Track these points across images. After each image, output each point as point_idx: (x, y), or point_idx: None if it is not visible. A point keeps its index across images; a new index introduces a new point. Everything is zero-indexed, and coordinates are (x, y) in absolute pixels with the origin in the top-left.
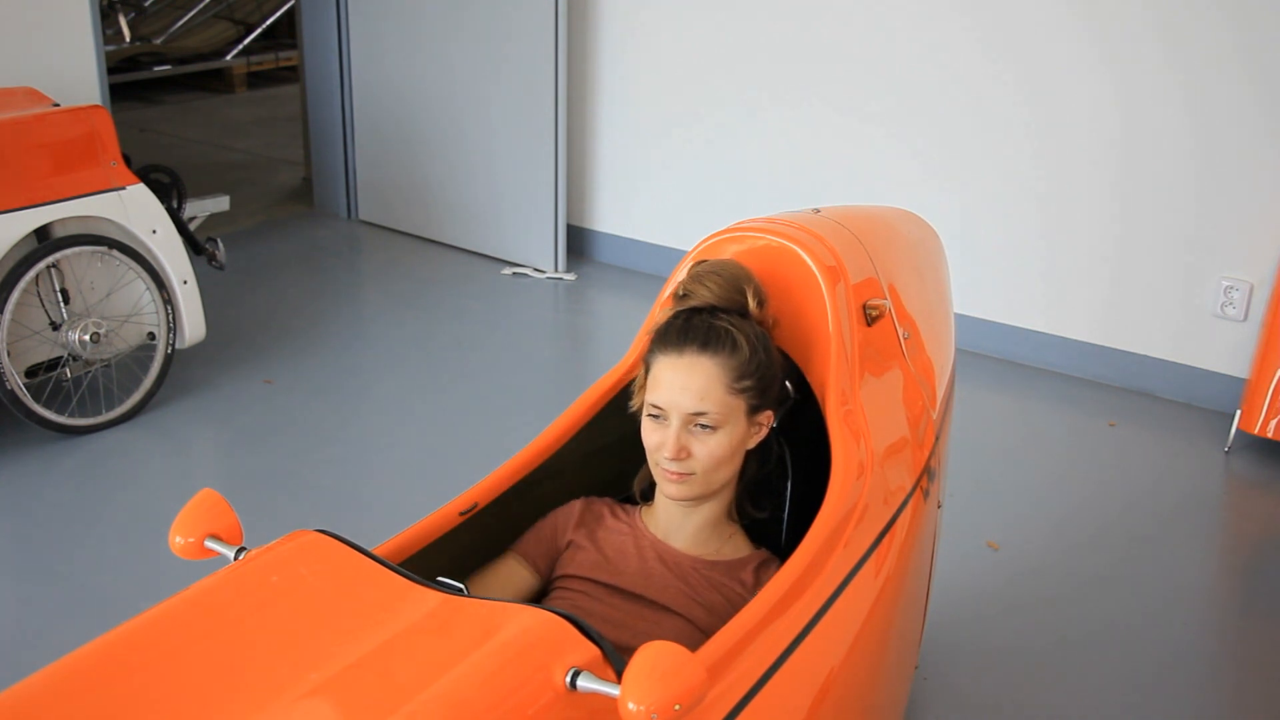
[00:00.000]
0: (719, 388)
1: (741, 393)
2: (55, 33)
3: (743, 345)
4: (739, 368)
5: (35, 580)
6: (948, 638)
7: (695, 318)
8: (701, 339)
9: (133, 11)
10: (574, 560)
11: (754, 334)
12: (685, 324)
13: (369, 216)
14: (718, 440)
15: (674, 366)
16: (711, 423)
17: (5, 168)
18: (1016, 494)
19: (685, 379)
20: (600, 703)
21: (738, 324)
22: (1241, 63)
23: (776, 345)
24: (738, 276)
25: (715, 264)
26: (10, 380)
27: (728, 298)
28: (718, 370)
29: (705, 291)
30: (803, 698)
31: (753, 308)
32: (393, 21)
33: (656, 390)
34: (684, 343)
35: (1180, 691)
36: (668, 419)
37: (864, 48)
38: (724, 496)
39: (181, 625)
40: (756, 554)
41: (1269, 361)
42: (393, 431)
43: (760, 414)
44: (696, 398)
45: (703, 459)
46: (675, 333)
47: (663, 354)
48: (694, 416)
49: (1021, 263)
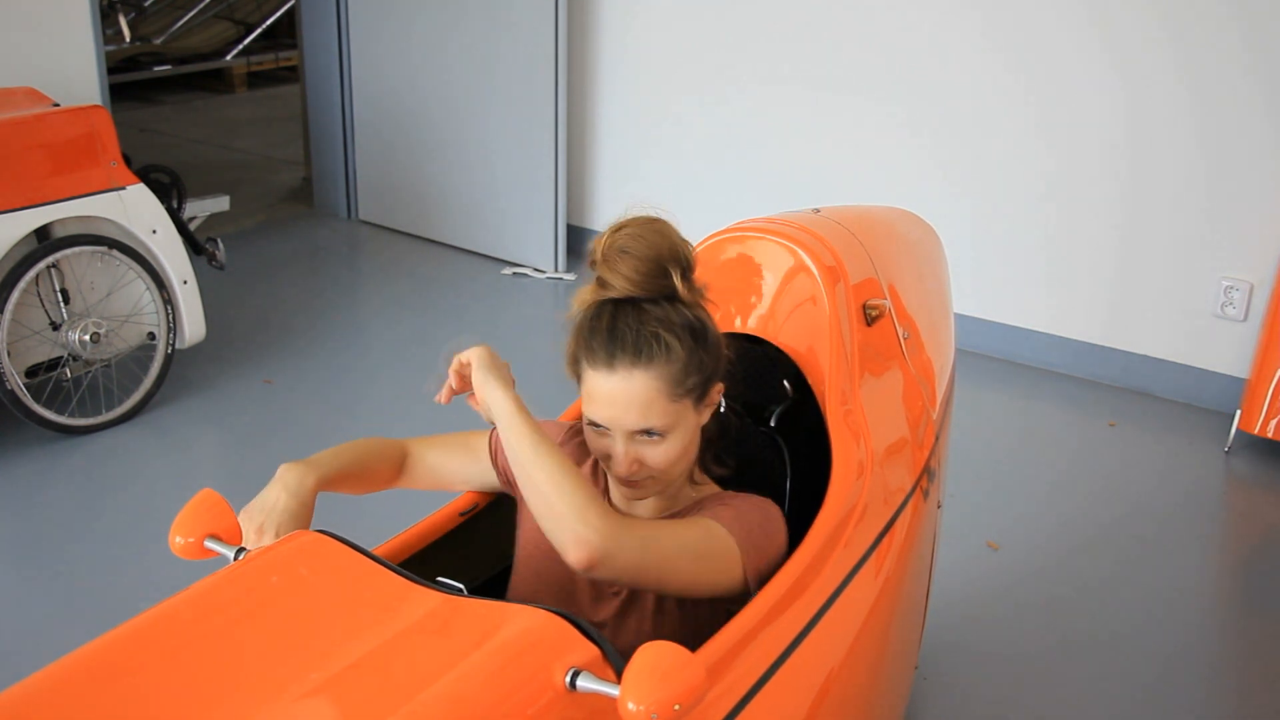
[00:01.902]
0: (660, 400)
1: (686, 394)
2: (55, 33)
3: (677, 348)
4: (678, 373)
5: (35, 580)
6: (948, 638)
7: (620, 319)
8: (632, 350)
9: (133, 11)
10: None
11: (687, 324)
12: (610, 330)
13: (369, 216)
14: (669, 445)
15: (607, 382)
16: (659, 432)
17: (5, 168)
18: (1016, 494)
19: (623, 397)
20: (600, 702)
21: (668, 319)
22: (1243, 64)
23: (709, 302)
24: (658, 253)
25: (629, 237)
26: (10, 380)
27: (650, 286)
28: (656, 383)
29: (622, 281)
30: (803, 698)
31: (681, 290)
32: (393, 21)
33: (592, 406)
34: (613, 356)
35: (1180, 691)
36: (611, 433)
37: (866, 49)
38: (685, 473)
39: (181, 625)
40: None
41: (1269, 361)
42: (393, 431)
43: (709, 395)
44: (638, 415)
45: (658, 464)
46: (601, 343)
47: (592, 367)
48: (638, 432)
49: (1022, 263)
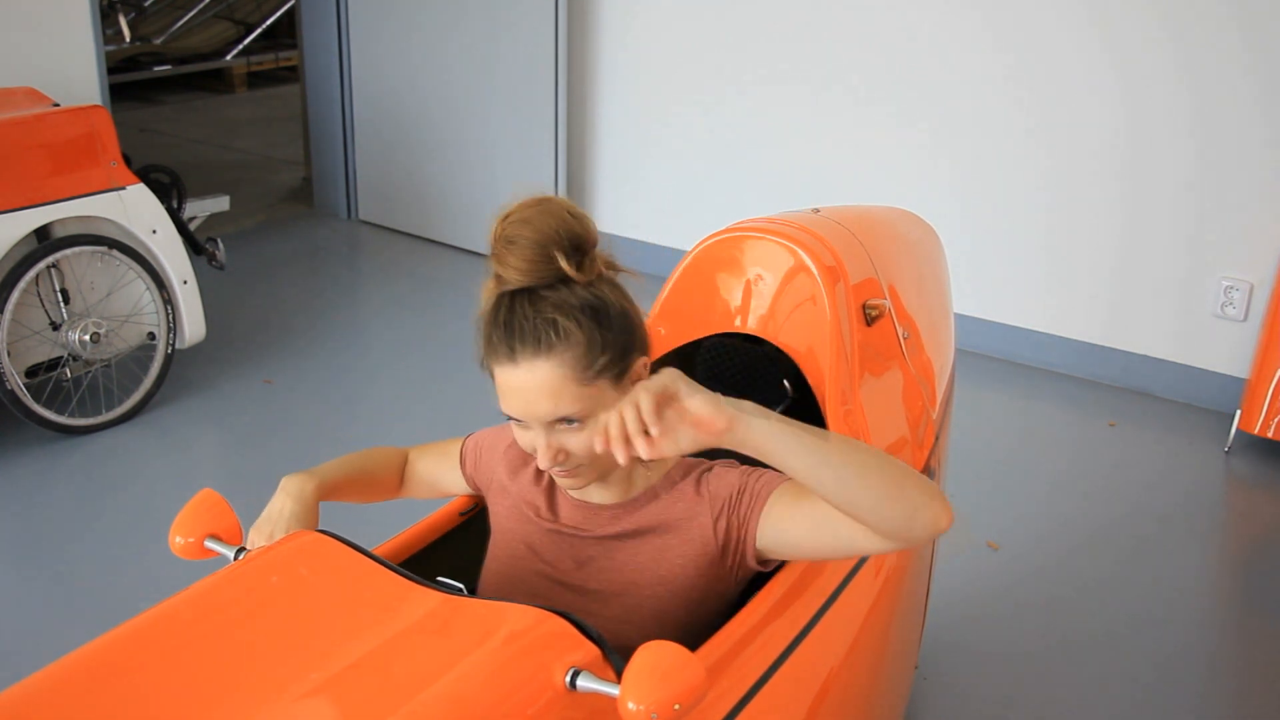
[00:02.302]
0: (570, 386)
1: (598, 376)
2: (55, 33)
3: (575, 332)
4: (583, 357)
5: (35, 580)
6: (948, 638)
7: (516, 310)
8: (532, 342)
9: (133, 11)
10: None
11: (586, 304)
12: (507, 324)
13: (369, 216)
14: (591, 430)
15: (514, 376)
16: (577, 418)
17: (5, 168)
18: (1016, 494)
19: (531, 388)
20: (600, 702)
21: (564, 304)
22: (1243, 64)
23: (620, 288)
24: (543, 237)
25: (515, 225)
26: (10, 380)
27: (540, 273)
28: (561, 369)
29: (513, 273)
30: (803, 698)
31: (572, 273)
32: (393, 21)
33: (506, 401)
34: (514, 349)
35: (1181, 690)
36: (529, 425)
37: (866, 50)
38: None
39: (181, 625)
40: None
41: (1269, 361)
42: (393, 431)
43: (630, 373)
44: (549, 405)
45: (585, 452)
46: (500, 337)
47: (497, 363)
48: (555, 422)
49: (1022, 263)
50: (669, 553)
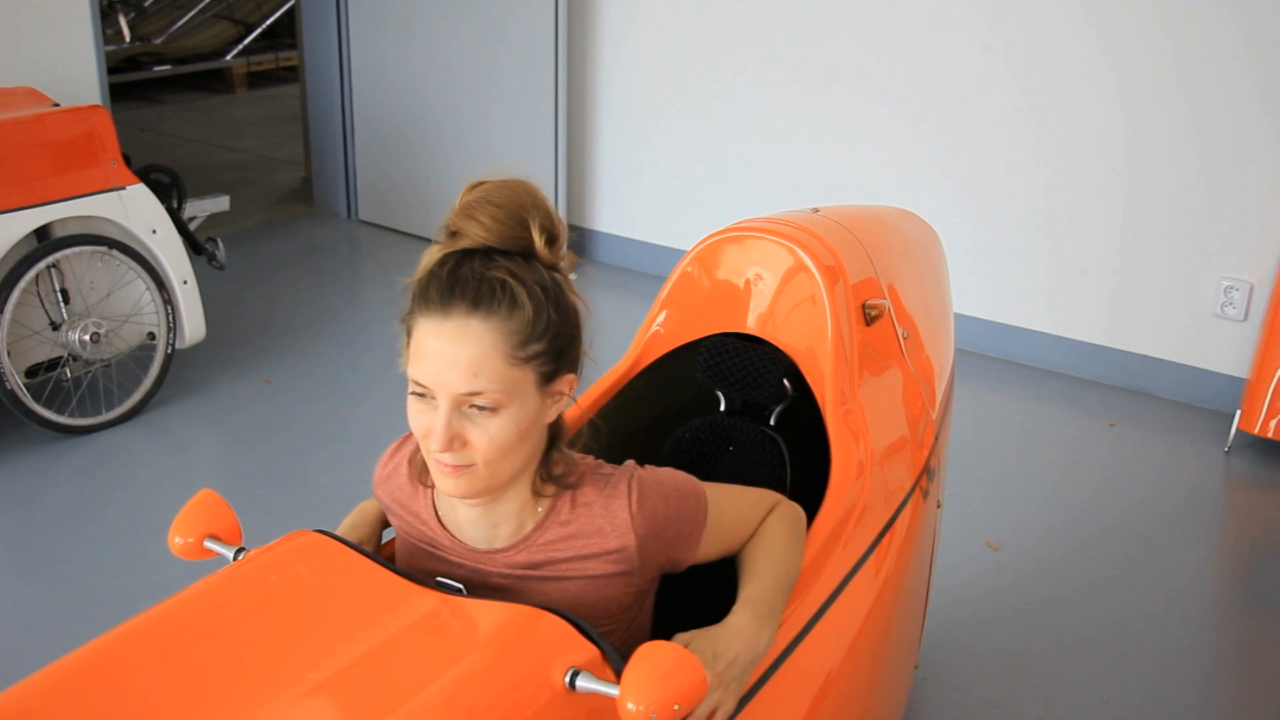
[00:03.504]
0: (496, 359)
1: (527, 361)
2: (55, 33)
3: (524, 302)
4: (521, 331)
5: (35, 580)
6: (948, 638)
7: (465, 265)
8: (471, 296)
9: (133, 11)
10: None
11: (541, 283)
12: (452, 275)
13: (369, 216)
14: (500, 424)
15: (438, 334)
16: (490, 403)
17: (5, 168)
18: (1016, 494)
19: (452, 350)
20: (599, 703)
21: (519, 272)
22: (1243, 64)
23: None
24: (520, 204)
25: (493, 188)
26: (10, 380)
27: (507, 235)
28: (493, 337)
29: (478, 228)
30: (802, 698)
31: (539, 246)
32: (393, 21)
33: (418, 363)
34: (449, 301)
35: (1180, 690)
36: (435, 399)
37: (866, 51)
38: (523, 482)
39: (181, 625)
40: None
41: (1269, 361)
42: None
43: (557, 380)
44: (468, 374)
45: (483, 448)
46: (439, 288)
47: (424, 316)
48: (467, 397)
49: (1022, 263)
50: (595, 581)
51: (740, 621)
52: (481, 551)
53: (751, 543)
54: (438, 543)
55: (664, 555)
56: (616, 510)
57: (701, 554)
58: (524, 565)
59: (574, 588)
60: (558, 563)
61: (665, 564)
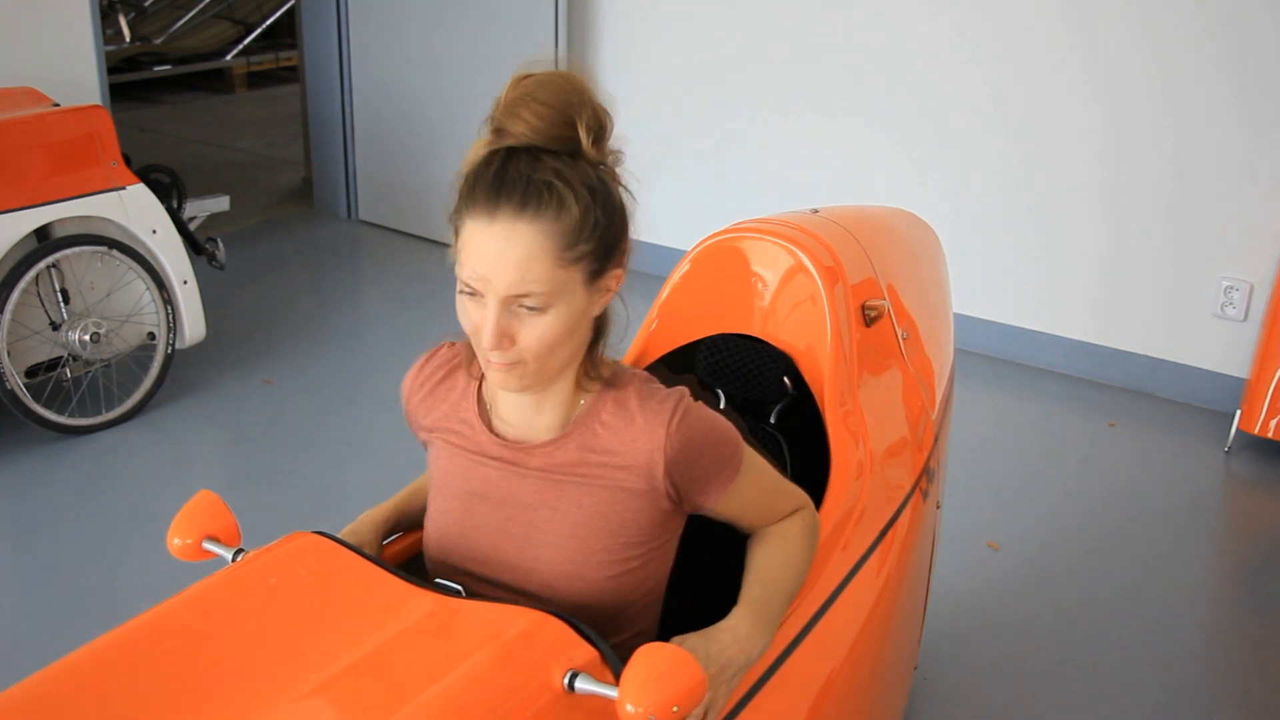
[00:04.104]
0: (544, 261)
1: (575, 262)
2: (55, 33)
3: (571, 203)
4: (569, 233)
5: (35, 580)
6: (948, 638)
7: (511, 165)
8: (519, 198)
9: (133, 11)
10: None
11: (588, 182)
12: (499, 175)
13: (369, 216)
14: (548, 323)
15: (486, 234)
16: (538, 304)
17: (5, 168)
18: (1016, 494)
19: (500, 252)
20: (598, 704)
21: (566, 172)
22: (1242, 64)
23: (624, 189)
24: (566, 101)
25: (539, 82)
26: (10, 380)
27: (553, 135)
28: (540, 239)
29: (523, 127)
30: (803, 698)
31: (586, 146)
32: (392, 21)
33: (466, 263)
34: (496, 201)
35: (1180, 690)
36: (483, 298)
37: (865, 53)
38: (570, 373)
39: (180, 626)
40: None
41: (1269, 361)
42: (392, 432)
43: (604, 277)
44: (515, 276)
45: (531, 346)
46: (486, 188)
47: (471, 216)
48: (515, 298)
49: (1021, 263)
50: (620, 493)
51: (737, 623)
52: (520, 446)
53: (765, 544)
54: (476, 441)
55: (687, 488)
56: (655, 424)
57: (721, 507)
58: (559, 465)
59: (603, 497)
60: (591, 466)
61: (686, 499)
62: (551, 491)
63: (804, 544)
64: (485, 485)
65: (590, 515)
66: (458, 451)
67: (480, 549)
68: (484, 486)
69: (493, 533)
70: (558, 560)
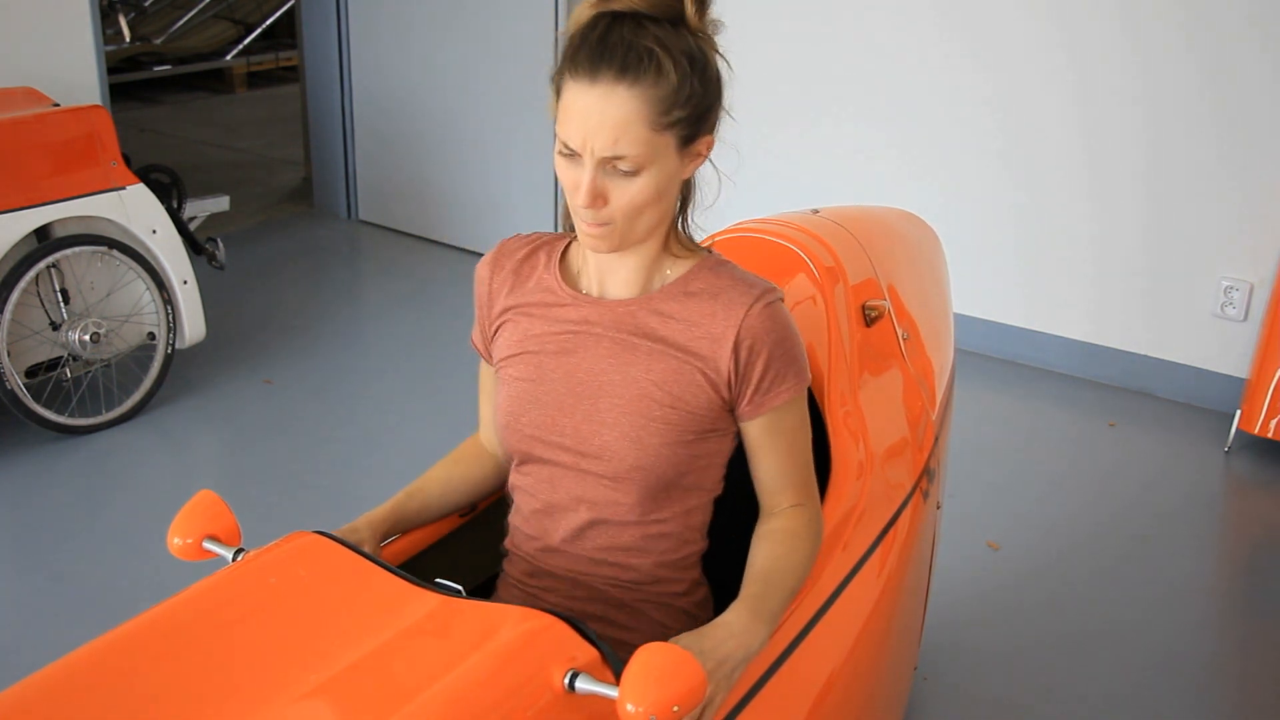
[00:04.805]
0: (639, 125)
1: (669, 128)
2: (55, 33)
3: (669, 71)
4: (665, 99)
5: (35, 580)
6: (948, 638)
7: (615, 30)
8: (619, 62)
9: (133, 11)
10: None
11: (688, 51)
12: (602, 39)
13: (369, 216)
14: (640, 186)
15: (585, 96)
16: (632, 166)
17: (5, 168)
18: (1016, 494)
19: (599, 114)
20: (599, 704)
21: (667, 40)
22: (1242, 64)
23: (721, 57)
24: None
25: None
26: (10, 380)
27: (658, 2)
28: (637, 104)
29: None
30: (803, 698)
31: (690, 14)
32: (393, 22)
33: (565, 124)
34: (597, 66)
35: (1180, 691)
36: (580, 158)
37: (865, 54)
38: (658, 234)
39: (180, 626)
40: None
41: (1269, 361)
42: (392, 431)
43: (696, 143)
44: (611, 139)
45: (622, 207)
46: (588, 52)
47: (573, 78)
48: (610, 160)
49: (1021, 263)
50: (686, 366)
51: (734, 619)
52: (601, 303)
53: (767, 542)
54: (559, 302)
55: (745, 376)
56: (739, 303)
57: (758, 428)
58: (634, 326)
59: (671, 368)
60: (664, 334)
61: (739, 395)
62: (623, 355)
63: (806, 544)
64: (560, 345)
65: (655, 380)
66: (536, 320)
67: (548, 411)
68: (559, 346)
69: (561, 394)
70: (619, 423)
